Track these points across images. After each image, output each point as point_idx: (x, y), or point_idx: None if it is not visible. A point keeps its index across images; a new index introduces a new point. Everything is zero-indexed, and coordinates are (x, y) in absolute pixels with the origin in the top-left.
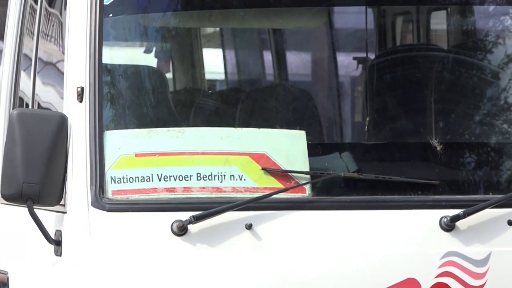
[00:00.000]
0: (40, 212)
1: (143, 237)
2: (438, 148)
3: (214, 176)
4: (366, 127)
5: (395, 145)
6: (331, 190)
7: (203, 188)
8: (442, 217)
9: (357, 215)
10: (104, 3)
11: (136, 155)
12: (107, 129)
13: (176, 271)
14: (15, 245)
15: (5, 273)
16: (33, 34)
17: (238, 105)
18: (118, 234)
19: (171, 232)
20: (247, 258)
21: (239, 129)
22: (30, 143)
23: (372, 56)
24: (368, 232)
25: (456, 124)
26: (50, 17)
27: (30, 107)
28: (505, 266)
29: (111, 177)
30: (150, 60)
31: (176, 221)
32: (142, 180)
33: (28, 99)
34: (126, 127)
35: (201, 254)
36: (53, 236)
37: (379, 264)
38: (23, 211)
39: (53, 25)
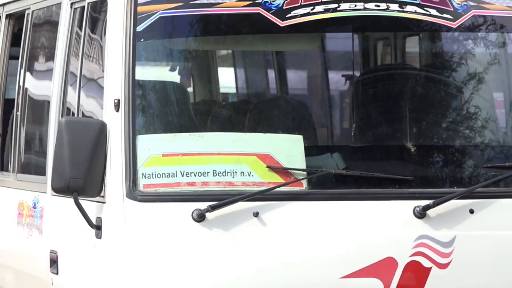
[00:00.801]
0: (83, 202)
1: (168, 223)
2: (412, 150)
3: (227, 172)
4: (352, 132)
5: (377, 147)
6: (324, 184)
7: (218, 182)
8: (415, 207)
9: (345, 205)
10: (137, 30)
11: (163, 155)
12: (139, 134)
13: (195, 251)
14: (63, 229)
15: (55, 252)
16: (78, 55)
17: (247, 114)
18: (148, 220)
19: (191, 219)
20: (254, 240)
21: (247, 134)
22: (76, 145)
23: (357, 73)
24: (354, 219)
25: (427, 130)
26: (92, 42)
27: (75, 115)
28: (467, 247)
29: (142, 173)
30: (174, 77)
31: (196, 209)
32: (168, 176)
33: (74, 109)
34: (155, 132)
35: (216, 237)
36: (94, 222)
37: (364, 245)
38: (69, 201)
39: (94, 48)
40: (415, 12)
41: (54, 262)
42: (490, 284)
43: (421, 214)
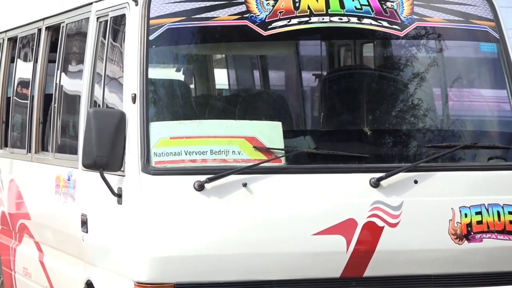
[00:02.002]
0: (107, 175)
1: (175, 191)
2: (368, 133)
3: (222, 151)
4: (321, 119)
5: (340, 131)
6: (298, 161)
7: (214, 159)
8: (371, 178)
9: (315, 177)
10: (149, 39)
11: (171, 138)
12: (151, 121)
13: (196, 213)
14: (91, 197)
15: (85, 215)
16: (103, 59)
17: (237, 105)
18: (159, 190)
19: (193, 189)
20: (243, 205)
21: (237, 121)
22: (101, 130)
23: (325, 73)
24: (323, 189)
25: (380, 117)
26: (114, 48)
27: (101, 107)
28: (412, 210)
29: (154, 153)
30: (179, 76)
31: (197, 181)
32: (174, 155)
33: (99, 101)
34: (164, 119)
35: (213, 202)
36: (116, 191)
37: (330, 209)
38: (96, 175)
39: (115, 53)
40: (370, 24)
41: (84, 223)
42: (429, 237)
43: (375, 184)
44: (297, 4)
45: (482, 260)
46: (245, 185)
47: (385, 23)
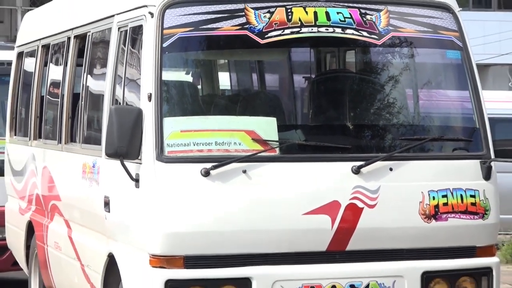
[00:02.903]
0: (126, 163)
1: (184, 177)
2: (351, 127)
3: (225, 143)
4: (310, 116)
5: (326, 125)
6: (290, 151)
7: (218, 150)
8: (353, 166)
9: (305, 165)
10: (163, 46)
11: (181, 131)
12: (164, 117)
13: (202, 195)
14: (113, 182)
15: (108, 197)
16: (123, 63)
17: (238, 103)
18: (170, 175)
19: (200, 175)
20: (242, 188)
21: (238, 117)
22: (121, 124)
23: (313, 76)
24: (311, 175)
25: (361, 114)
26: (132, 54)
27: (121, 104)
28: (388, 194)
29: (167, 144)
30: (188, 78)
31: (203, 168)
32: (184, 145)
33: (120, 99)
34: (175, 115)
35: (217, 186)
36: (134, 176)
37: (318, 192)
38: (117, 162)
39: (134, 58)
40: (352, 34)
41: (106, 204)
42: (402, 217)
43: (356, 171)
44: (289, 17)
45: (447, 236)
46: (244, 171)
47: (365, 33)
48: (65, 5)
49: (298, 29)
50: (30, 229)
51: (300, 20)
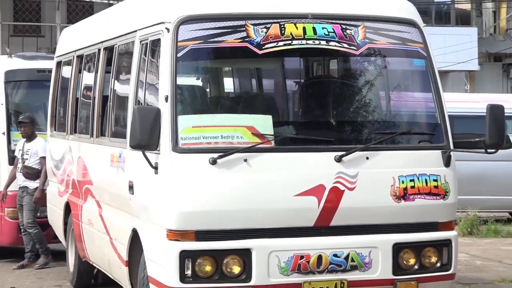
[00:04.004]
0: (147, 153)
1: (195, 165)
2: (334, 123)
3: (229, 137)
4: (299, 114)
5: (313, 122)
6: (283, 143)
7: (224, 142)
8: (335, 155)
9: (296, 155)
10: (177, 56)
11: (193, 127)
12: (179, 115)
13: (210, 180)
14: (136, 169)
15: (132, 182)
16: (144, 70)
17: (239, 103)
18: (184, 163)
19: (208, 163)
20: (243, 174)
21: (241, 115)
22: (143, 121)
23: (302, 80)
24: (301, 162)
25: (342, 112)
26: (152, 62)
27: (143, 104)
28: (365, 178)
29: (181, 137)
30: (199, 83)
31: (211, 157)
32: (195, 139)
33: (142, 100)
34: (188, 114)
35: (223, 173)
36: (153, 165)
37: (306, 177)
38: (139, 153)
39: (153, 66)
40: (335, 45)
41: (131, 187)
42: (376, 198)
43: (338, 159)
44: (283, 31)
45: (414, 213)
46: (245, 160)
47: (345, 45)
48: (96, 22)
49: (290, 42)
50: (67, 209)
51: (291, 34)
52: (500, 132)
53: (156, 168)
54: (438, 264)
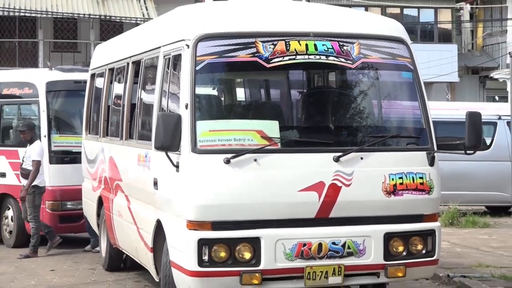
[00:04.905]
0: (170, 154)
1: (211, 164)
2: (333, 128)
3: (241, 139)
4: (302, 119)
5: (315, 127)
6: (288, 145)
7: (236, 144)
8: (334, 156)
9: (299, 155)
10: (196, 69)
11: (209, 131)
12: (197, 120)
13: (224, 178)
14: (159, 167)
15: (156, 178)
16: (167, 81)
17: (250, 110)
18: (202, 163)
19: (223, 162)
20: (253, 172)
21: (251, 120)
22: (166, 126)
23: (305, 90)
24: (304, 162)
25: (339, 118)
26: (174, 75)
27: (166, 111)
28: (360, 176)
29: (199, 140)
30: (214, 92)
31: (225, 158)
32: (212, 141)
33: (165, 108)
34: (205, 119)
35: (235, 171)
36: (175, 164)
37: (309, 174)
38: (163, 154)
39: (175, 78)
40: (334, 60)
41: (155, 183)
42: (370, 193)
43: (336, 159)
44: (288, 47)
45: (402, 207)
46: (255, 160)
47: (342, 59)
48: (125, 39)
49: (294, 56)
50: (100, 202)
51: (295, 50)
52: (478, 135)
53: (177, 166)
54: (424, 251)
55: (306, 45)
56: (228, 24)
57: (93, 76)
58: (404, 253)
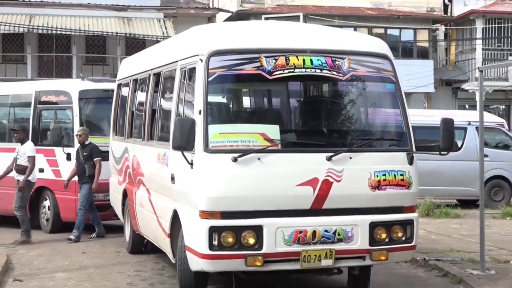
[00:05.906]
0: (185, 153)
1: (221, 162)
2: (326, 131)
3: (246, 141)
4: (300, 124)
5: (310, 130)
6: (288, 146)
7: (243, 145)
8: (326, 155)
9: (297, 155)
10: (208, 80)
11: (220, 133)
12: (209, 124)
13: (232, 174)
14: (176, 165)
15: (173, 174)
16: (183, 91)
17: (254, 116)
18: (213, 161)
19: (231, 160)
20: (257, 169)
21: (255, 124)
22: (182, 129)
23: (302, 99)
24: (301, 160)
25: (331, 123)
26: (189, 85)
27: (182, 116)
28: (349, 173)
29: (210, 141)
30: (224, 100)
31: (233, 157)
32: (221, 143)
33: (181, 113)
34: (216, 124)
35: (242, 168)
36: (189, 162)
37: (304, 171)
38: (179, 153)
39: (190, 88)
40: (327, 73)
41: (172, 179)
42: (357, 187)
43: (329, 159)
44: (287, 62)
45: (385, 200)
46: (259, 159)
47: (334, 72)
48: (147, 54)
49: (293, 70)
50: (125, 194)
51: (294, 64)
52: (451, 139)
53: (191, 164)
54: (403, 238)
55: (303, 60)
56: (236, 42)
57: (119, 85)
58: (387, 240)
